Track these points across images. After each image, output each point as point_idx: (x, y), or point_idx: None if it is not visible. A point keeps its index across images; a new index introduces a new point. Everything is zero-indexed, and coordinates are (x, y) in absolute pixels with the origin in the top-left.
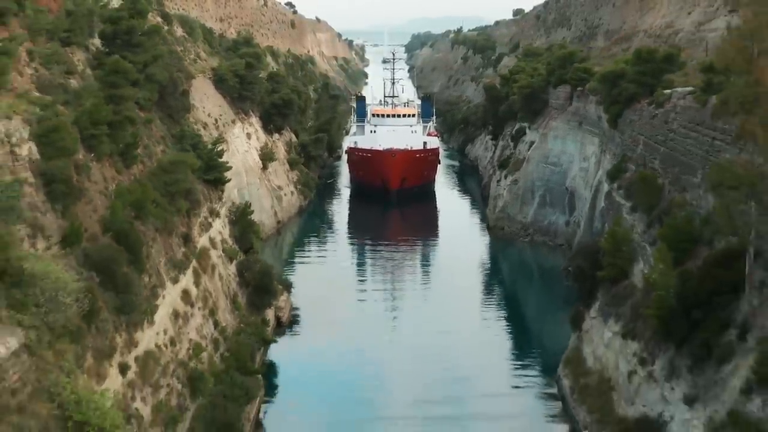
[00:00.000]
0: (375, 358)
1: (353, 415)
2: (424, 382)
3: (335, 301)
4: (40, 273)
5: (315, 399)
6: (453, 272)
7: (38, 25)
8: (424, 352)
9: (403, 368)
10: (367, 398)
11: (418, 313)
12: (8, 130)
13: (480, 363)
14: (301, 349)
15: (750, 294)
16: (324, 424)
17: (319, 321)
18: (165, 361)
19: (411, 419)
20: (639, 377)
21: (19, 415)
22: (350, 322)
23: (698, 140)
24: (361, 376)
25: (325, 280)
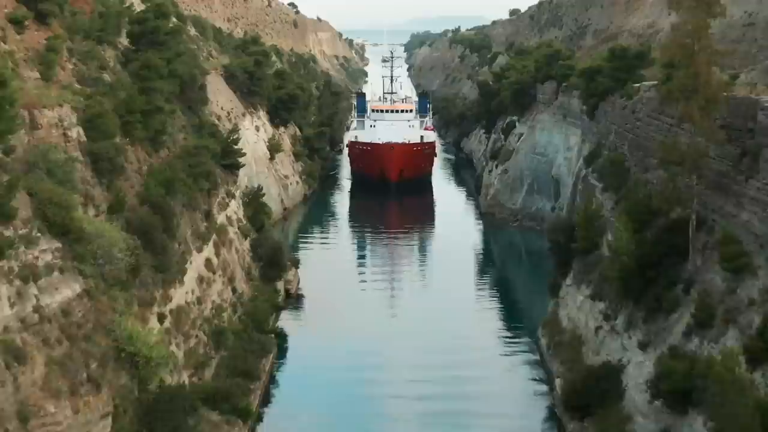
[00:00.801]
0: (376, 328)
1: (355, 373)
2: (421, 348)
3: (339, 280)
4: (97, 232)
5: (320, 360)
6: (448, 255)
7: (76, 25)
8: (422, 323)
9: (401, 336)
10: (368, 360)
11: (416, 291)
12: (60, 116)
13: (472, 331)
14: (308, 319)
15: (693, 255)
16: (328, 379)
17: (324, 297)
18: (193, 317)
19: (409, 380)
20: (603, 331)
21: (86, 343)
22: (352, 298)
23: (658, 127)
24: (363, 341)
25: (328, 263)
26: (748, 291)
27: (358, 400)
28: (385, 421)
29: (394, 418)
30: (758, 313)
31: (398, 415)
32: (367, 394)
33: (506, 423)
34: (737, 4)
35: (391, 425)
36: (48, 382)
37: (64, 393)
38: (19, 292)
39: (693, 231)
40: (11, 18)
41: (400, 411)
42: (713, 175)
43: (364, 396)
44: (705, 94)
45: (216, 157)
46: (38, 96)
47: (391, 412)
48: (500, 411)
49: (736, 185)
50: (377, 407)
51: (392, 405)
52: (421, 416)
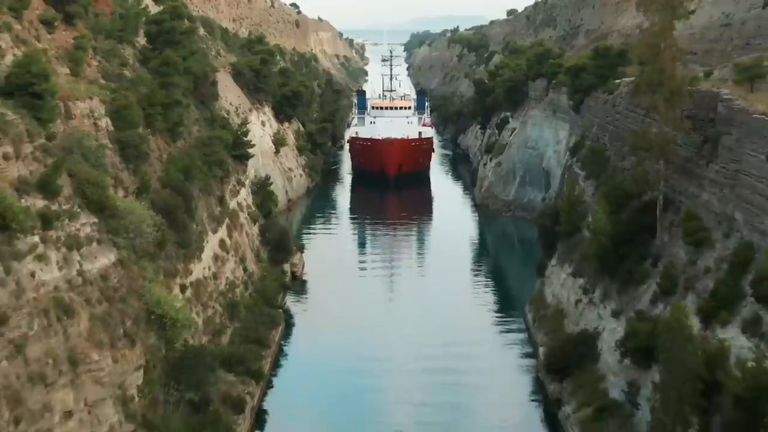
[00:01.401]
0: (376, 307)
1: (357, 346)
2: (417, 324)
3: (341, 267)
4: (128, 209)
5: (324, 334)
6: (444, 244)
7: (99, 26)
8: (419, 303)
9: (399, 315)
10: (368, 333)
11: (413, 276)
12: (91, 108)
13: (466, 311)
14: (312, 298)
15: (661, 233)
16: (332, 350)
17: (327, 280)
18: (210, 290)
19: (406, 351)
20: (582, 304)
21: (121, 304)
22: (354, 282)
23: (635, 119)
24: (364, 318)
25: (331, 251)
26: (706, 261)
27: (359, 367)
28: (381, 381)
29: (390, 378)
30: (712, 279)
31: (395, 377)
32: (367, 362)
33: (494, 389)
34: (716, 5)
35: (388, 384)
36: (92, 334)
37: (105, 345)
38: (65, 257)
39: (660, 211)
40: (42, 19)
41: (396, 375)
42: (679, 161)
43: (364, 363)
44: (669, 87)
45: (227, 147)
46: (71, 89)
47: (387, 374)
48: (489, 379)
49: (698, 169)
50: (376, 372)
51: (389, 369)
52: (416, 379)
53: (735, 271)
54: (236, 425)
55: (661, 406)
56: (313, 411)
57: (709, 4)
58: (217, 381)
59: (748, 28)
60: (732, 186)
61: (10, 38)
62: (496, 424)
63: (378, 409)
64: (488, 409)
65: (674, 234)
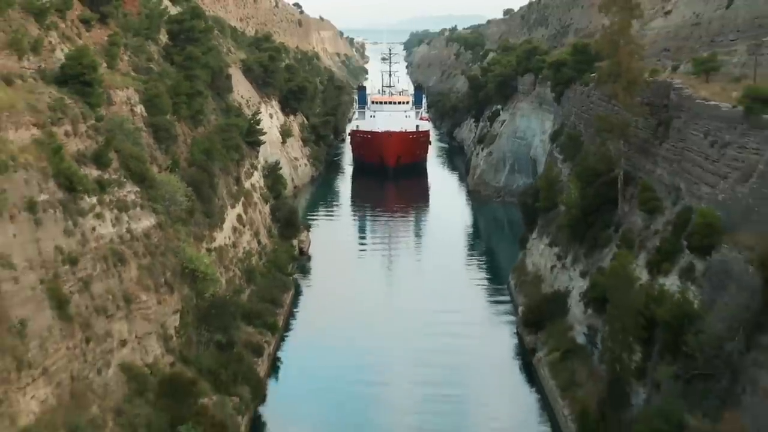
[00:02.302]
0: (376, 281)
1: (359, 310)
2: (413, 294)
3: (343, 247)
4: (163, 181)
5: (329, 299)
6: (440, 227)
7: (128, 25)
8: (415, 277)
9: (397, 286)
10: (369, 298)
11: (411, 255)
12: (128, 96)
13: (458, 284)
14: (317, 271)
15: (622, 204)
16: (336, 312)
17: (331, 258)
18: (230, 256)
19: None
20: (557, 268)
21: (162, 258)
22: (356, 260)
23: (605, 107)
24: (366, 288)
25: (334, 234)
26: (656, 225)
27: (360, 324)
28: (380, 334)
29: (388, 331)
30: (659, 238)
31: (391, 330)
32: (367, 321)
33: (480, 343)
34: (689, 6)
35: (385, 335)
36: (140, 280)
37: (151, 289)
38: (117, 217)
39: (621, 185)
40: (82, 19)
41: (393, 329)
42: (638, 142)
43: (365, 322)
44: (627, 77)
45: (242, 134)
46: (110, 80)
47: (386, 328)
48: (476, 336)
49: (653, 148)
50: (375, 328)
51: (387, 324)
52: (410, 336)
53: (677, 230)
54: (256, 366)
55: (609, 336)
56: (320, 359)
57: (683, 5)
58: (239, 328)
59: (714, 26)
60: (679, 161)
61: (57, 35)
62: (482, 371)
63: (376, 354)
64: (475, 359)
65: (633, 204)
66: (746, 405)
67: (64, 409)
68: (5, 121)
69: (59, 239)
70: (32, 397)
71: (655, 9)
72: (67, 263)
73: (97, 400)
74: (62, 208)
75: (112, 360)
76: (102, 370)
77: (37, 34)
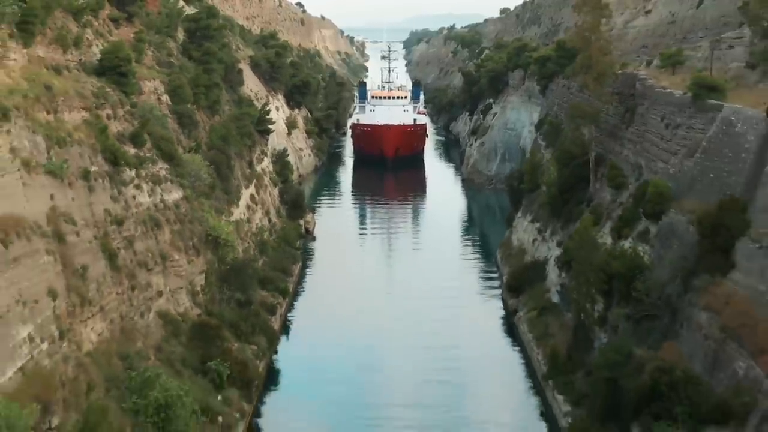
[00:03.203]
0: (376, 259)
1: (361, 278)
2: (410, 269)
3: (345, 232)
4: (188, 160)
5: (333, 272)
6: (436, 214)
7: (150, 23)
8: (413, 256)
9: (396, 264)
10: (370, 273)
11: (408, 238)
12: (155, 86)
13: (452, 262)
14: (322, 250)
15: (594, 182)
16: (341, 279)
17: (334, 240)
18: (245, 229)
19: (400, 288)
20: (537, 241)
21: (190, 225)
22: (357, 242)
23: (581, 97)
24: (367, 264)
25: (336, 218)
26: (621, 198)
27: (362, 292)
28: (379, 299)
29: (385, 301)
30: (622, 209)
31: (390, 297)
32: (369, 288)
33: (469, 308)
34: (667, 5)
35: (384, 299)
36: (173, 242)
37: (182, 250)
38: (152, 189)
39: (593, 165)
40: (111, 17)
41: (390, 297)
42: (608, 127)
43: (367, 289)
44: (596, 70)
45: (253, 123)
46: (139, 72)
47: (385, 295)
48: (466, 302)
49: (621, 132)
50: (375, 294)
51: (386, 292)
52: (406, 302)
53: (636, 201)
54: (271, 322)
55: (574, 289)
56: (326, 320)
57: (661, 5)
58: (255, 290)
59: (686, 24)
60: (641, 142)
61: (92, 32)
62: (470, 329)
63: (375, 316)
64: (464, 320)
65: (603, 182)
66: (682, 337)
67: (116, 342)
68: (61, 105)
69: (107, 204)
70: (92, 329)
71: (637, 8)
72: (114, 224)
73: (141, 338)
74: (109, 178)
75: (152, 307)
76: (144, 314)
77: (76, 31)
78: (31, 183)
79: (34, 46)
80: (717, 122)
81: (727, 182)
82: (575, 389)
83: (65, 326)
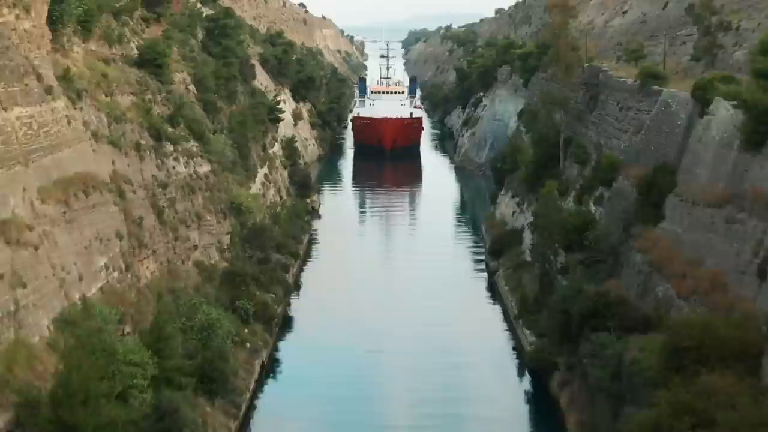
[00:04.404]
0: (376, 234)
1: (361, 248)
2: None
3: (346, 214)
4: (215, 139)
5: (337, 242)
6: (431, 199)
7: (176, 23)
8: (409, 234)
9: (393, 242)
10: (370, 247)
11: (405, 220)
12: (183, 77)
13: (445, 238)
14: (327, 223)
15: (563, 160)
16: (344, 247)
17: (338, 216)
18: (261, 202)
19: (398, 255)
20: (516, 213)
21: (218, 193)
22: (358, 220)
23: (555, 87)
24: (367, 236)
25: (338, 203)
26: (585, 171)
27: (363, 261)
28: (378, 265)
29: (384, 265)
30: (583, 179)
31: (387, 264)
32: (368, 259)
33: (457, 270)
34: (639, 6)
35: (382, 268)
36: (205, 206)
37: (212, 213)
38: (187, 162)
39: (563, 145)
40: (143, 18)
41: (388, 264)
42: (576, 112)
43: (367, 259)
44: (564, 62)
45: (266, 111)
46: (170, 65)
47: (382, 265)
48: (455, 265)
49: (586, 116)
50: (374, 262)
51: (384, 262)
52: (402, 267)
53: (595, 172)
54: (286, 278)
55: (540, 242)
56: (333, 281)
57: (636, 5)
58: (272, 251)
59: (654, 24)
60: (601, 124)
61: (128, 30)
62: (456, 286)
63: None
64: (450, 279)
65: (571, 159)
66: (622, 274)
67: (164, 280)
68: (115, 90)
69: (154, 171)
70: (147, 267)
71: (616, 9)
72: (160, 187)
73: (183, 279)
74: (154, 151)
75: (191, 256)
76: (185, 261)
77: (117, 29)
78: (99, 150)
79: (90, 41)
80: (658, 104)
81: (663, 152)
82: (539, 324)
83: (129, 261)
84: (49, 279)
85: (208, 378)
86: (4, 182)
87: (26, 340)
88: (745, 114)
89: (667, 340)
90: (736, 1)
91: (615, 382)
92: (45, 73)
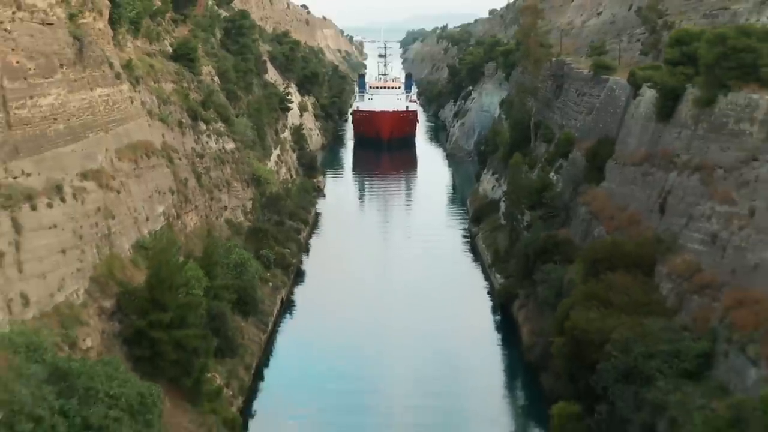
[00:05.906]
0: (375, 213)
1: (361, 225)
2: (404, 222)
3: (349, 193)
4: (238, 121)
5: (338, 216)
6: (425, 183)
7: (199, 23)
8: (406, 212)
9: (390, 222)
10: (369, 222)
11: (402, 201)
12: (209, 70)
13: (438, 215)
14: (332, 202)
15: (533, 140)
16: (347, 220)
17: (341, 197)
18: (275, 178)
19: (396, 231)
20: (495, 187)
21: (242, 165)
22: (358, 202)
23: (527, 78)
24: (367, 216)
25: (340, 188)
26: (549, 148)
27: (363, 231)
28: (376, 236)
29: (382, 235)
30: (547, 154)
31: (384, 235)
32: (368, 230)
33: (445, 235)
34: (610, 7)
35: (380, 237)
36: (233, 175)
37: (238, 180)
38: (217, 139)
39: (533, 128)
40: (173, 19)
41: (386, 235)
42: (544, 99)
43: (366, 230)
44: (533, 57)
45: (277, 101)
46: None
47: (380, 235)
48: (443, 232)
49: (553, 103)
50: (373, 233)
51: (382, 233)
52: (399, 238)
53: (556, 147)
54: (299, 238)
55: (508, 202)
56: (337, 245)
57: (608, 7)
58: (285, 216)
59: (621, 24)
60: (564, 108)
61: (162, 30)
62: (443, 246)
63: (374, 239)
64: (439, 242)
65: (540, 140)
66: (572, 225)
67: (203, 230)
68: (160, 78)
69: (193, 144)
70: (190, 219)
71: (592, 10)
72: (197, 157)
73: (217, 231)
74: (191, 128)
75: (222, 215)
76: (218, 218)
77: (155, 29)
78: (152, 125)
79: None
80: (605, 90)
81: (608, 128)
82: (507, 270)
83: (178, 211)
84: (127, 215)
85: (243, 301)
86: (94, 143)
87: (118, 255)
88: (657, 93)
89: (587, 254)
90: (682, 4)
91: (557, 298)
92: (114, 63)
